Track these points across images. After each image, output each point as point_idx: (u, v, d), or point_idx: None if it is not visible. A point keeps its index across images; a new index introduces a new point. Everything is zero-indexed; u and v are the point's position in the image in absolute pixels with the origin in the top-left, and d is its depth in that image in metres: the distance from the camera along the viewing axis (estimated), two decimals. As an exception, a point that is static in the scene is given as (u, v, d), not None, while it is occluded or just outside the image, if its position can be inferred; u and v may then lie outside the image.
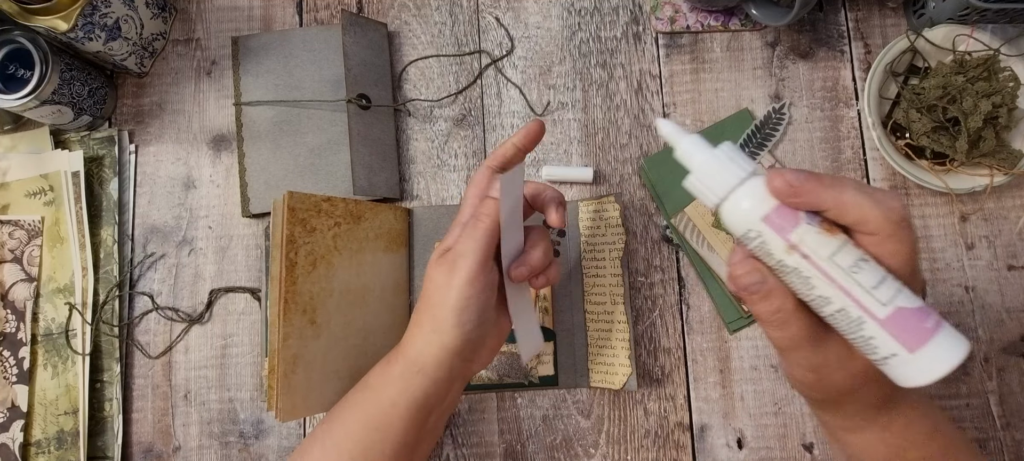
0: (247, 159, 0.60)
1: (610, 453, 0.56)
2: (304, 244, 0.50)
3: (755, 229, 0.32)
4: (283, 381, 0.48)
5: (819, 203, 0.31)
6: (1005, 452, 0.55)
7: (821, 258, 0.31)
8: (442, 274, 0.43)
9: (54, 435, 0.56)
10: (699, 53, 0.63)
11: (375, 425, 0.44)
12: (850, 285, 0.30)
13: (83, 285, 0.58)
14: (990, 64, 0.55)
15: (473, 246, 0.43)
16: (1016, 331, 0.57)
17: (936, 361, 0.29)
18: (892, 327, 0.30)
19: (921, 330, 0.29)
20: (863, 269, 0.30)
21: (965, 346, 0.29)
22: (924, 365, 0.29)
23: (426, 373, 0.44)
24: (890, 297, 0.30)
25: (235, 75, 0.62)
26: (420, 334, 0.45)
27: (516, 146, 0.47)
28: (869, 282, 0.30)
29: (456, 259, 0.43)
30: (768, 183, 0.31)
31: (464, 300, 0.42)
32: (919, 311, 0.30)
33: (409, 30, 0.64)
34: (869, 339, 0.30)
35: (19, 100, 0.54)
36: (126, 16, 0.57)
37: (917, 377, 0.30)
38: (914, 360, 0.29)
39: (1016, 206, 0.59)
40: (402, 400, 0.44)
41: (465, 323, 0.43)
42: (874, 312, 0.30)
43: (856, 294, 0.30)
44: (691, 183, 0.34)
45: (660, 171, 0.59)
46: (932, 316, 0.30)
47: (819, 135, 0.61)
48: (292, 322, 0.49)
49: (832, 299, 0.31)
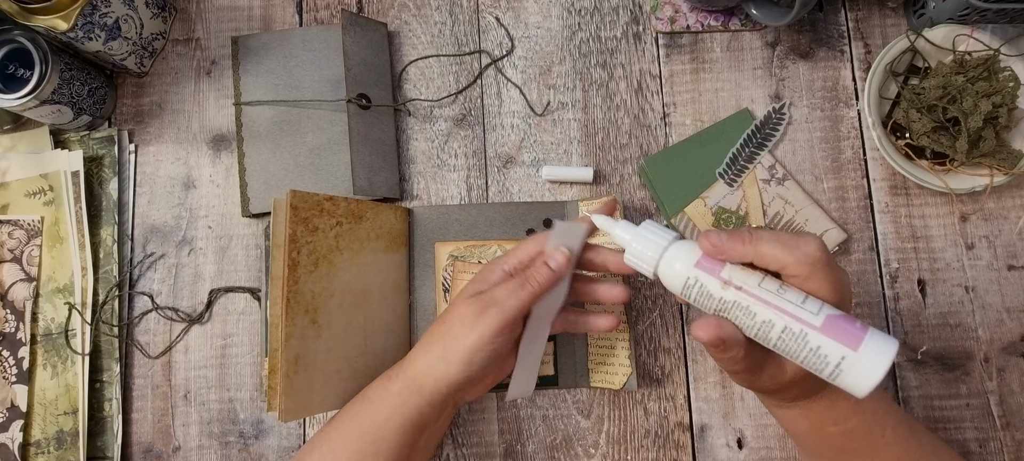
0: (247, 159, 0.60)
1: (610, 453, 0.56)
2: (306, 243, 0.50)
3: (691, 276, 0.37)
4: (285, 381, 0.48)
5: (741, 256, 0.36)
6: (1005, 452, 0.55)
7: (752, 287, 0.35)
8: (471, 313, 0.44)
9: (54, 435, 0.56)
10: (699, 53, 0.63)
11: (370, 438, 0.45)
12: (784, 304, 0.34)
13: (83, 285, 0.58)
14: (990, 64, 0.55)
15: (512, 303, 0.43)
16: (1016, 331, 0.57)
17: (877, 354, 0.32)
18: (830, 332, 0.33)
19: (854, 331, 0.33)
20: (788, 291, 0.35)
21: (894, 343, 0.33)
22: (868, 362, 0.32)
23: (423, 394, 0.45)
24: (818, 309, 0.34)
25: (235, 75, 0.62)
26: (426, 356, 0.45)
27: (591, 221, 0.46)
28: (797, 300, 0.34)
29: (489, 306, 0.43)
30: (700, 242, 0.38)
31: (482, 345, 0.43)
32: (845, 317, 0.34)
33: (409, 30, 0.64)
34: (817, 349, 0.34)
35: (19, 100, 0.54)
36: (126, 16, 0.57)
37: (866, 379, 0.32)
38: (859, 359, 0.32)
39: (1016, 206, 0.59)
40: (397, 416, 0.45)
41: (474, 364, 0.44)
42: (811, 322, 0.34)
43: (792, 310, 0.34)
44: (629, 260, 0.41)
45: (660, 171, 0.59)
46: (858, 320, 0.34)
47: (819, 135, 0.61)
48: (294, 322, 0.48)
49: (774, 322, 0.35)
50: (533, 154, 0.61)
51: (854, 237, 0.59)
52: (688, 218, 0.58)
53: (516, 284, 0.44)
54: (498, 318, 0.43)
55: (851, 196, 0.60)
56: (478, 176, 0.61)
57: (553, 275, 0.44)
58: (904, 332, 0.58)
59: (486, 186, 0.61)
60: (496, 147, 0.62)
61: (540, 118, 0.62)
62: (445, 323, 0.45)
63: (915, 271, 0.58)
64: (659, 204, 0.59)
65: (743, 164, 0.59)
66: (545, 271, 0.44)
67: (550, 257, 0.44)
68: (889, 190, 0.60)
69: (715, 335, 0.36)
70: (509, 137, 0.62)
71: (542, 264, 0.44)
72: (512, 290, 0.44)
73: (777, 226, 0.58)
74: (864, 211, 0.59)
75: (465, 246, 0.58)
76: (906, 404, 0.56)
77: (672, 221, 0.58)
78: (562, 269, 0.44)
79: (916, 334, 0.57)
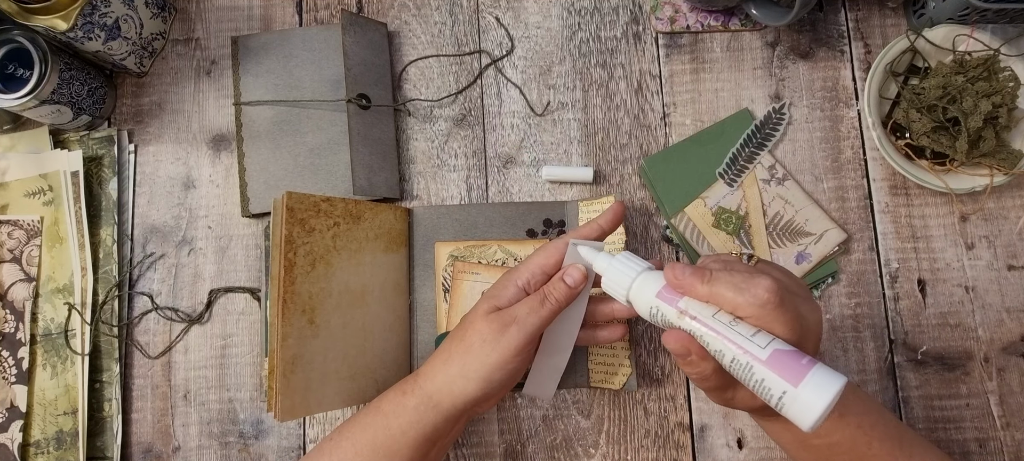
0: (247, 159, 0.60)
1: (610, 453, 0.56)
2: (303, 244, 0.50)
3: (654, 305, 0.40)
4: (282, 381, 0.48)
5: (699, 294, 0.38)
6: (1005, 452, 0.55)
7: (706, 317, 0.37)
8: (492, 331, 0.44)
9: (53, 435, 0.56)
10: (699, 53, 0.63)
11: (384, 451, 0.45)
12: (733, 336, 0.36)
13: (82, 285, 0.58)
14: (990, 64, 0.55)
15: (533, 320, 0.44)
16: (1016, 331, 0.57)
17: (818, 390, 0.33)
18: (774, 366, 0.34)
19: (798, 367, 0.34)
20: (740, 324, 0.37)
21: (840, 379, 0.33)
22: (808, 398, 0.33)
23: (441, 411, 0.45)
24: (767, 342, 0.35)
25: (235, 75, 0.62)
26: (444, 373, 0.45)
27: (601, 227, 0.47)
28: (747, 332, 0.36)
29: (510, 324, 0.44)
30: (665, 274, 0.40)
31: (502, 363, 0.44)
32: (794, 353, 0.35)
33: (409, 30, 0.64)
34: (761, 381, 0.35)
35: (18, 99, 0.54)
36: (125, 16, 0.57)
37: (807, 413, 0.33)
38: (799, 394, 0.33)
39: (1016, 206, 0.59)
40: (413, 431, 0.45)
41: (493, 382, 0.44)
42: (757, 355, 0.35)
43: (739, 342, 0.36)
44: (606, 285, 0.44)
45: (660, 171, 0.59)
46: (806, 356, 0.35)
47: (819, 135, 0.61)
48: (291, 322, 0.48)
49: (724, 351, 0.37)
50: (533, 154, 0.61)
51: (854, 237, 0.59)
52: (688, 218, 0.58)
53: (536, 302, 0.44)
54: (519, 337, 0.43)
55: (851, 196, 0.60)
56: (478, 176, 0.61)
57: (571, 292, 0.45)
58: (904, 332, 0.58)
59: (486, 186, 0.61)
60: (496, 147, 0.62)
61: (540, 118, 0.62)
62: (464, 340, 0.45)
63: (915, 271, 0.58)
64: (659, 204, 0.59)
65: (743, 164, 0.59)
66: (562, 288, 0.45)
67: (567, 274, 0.45)
68: (889, 190, 0.60)
69: (682, 345, 0.38)
70: (509, 137, 0.62)
71: (559, 281, 0.45)
72: (533, 308, 0.44)
73: (777, 226, 0.58)
74: (864, 211, 0.59)
75: (465, 246, 0.58)
76: (906, 404, 0.56)
77: (672, 221, 0.58)
78: (579, 285, 0.45)
79: (916, 334, 0.57)
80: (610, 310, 0.48)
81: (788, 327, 0.36)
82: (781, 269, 0.42)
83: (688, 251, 0.58)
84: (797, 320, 0.37)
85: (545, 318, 0.44)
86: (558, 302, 0.44)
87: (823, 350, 0.57)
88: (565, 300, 0.45)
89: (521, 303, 0.45)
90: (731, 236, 0.58)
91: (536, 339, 0.45)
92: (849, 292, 0.58)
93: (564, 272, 0.45)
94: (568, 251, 0.45)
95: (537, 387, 0.51)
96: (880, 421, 0.44)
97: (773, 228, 0.58)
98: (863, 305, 0.58)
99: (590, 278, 0.46)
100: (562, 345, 0.48)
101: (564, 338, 0.48)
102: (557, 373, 0.50)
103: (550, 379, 0.50)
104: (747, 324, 0.37)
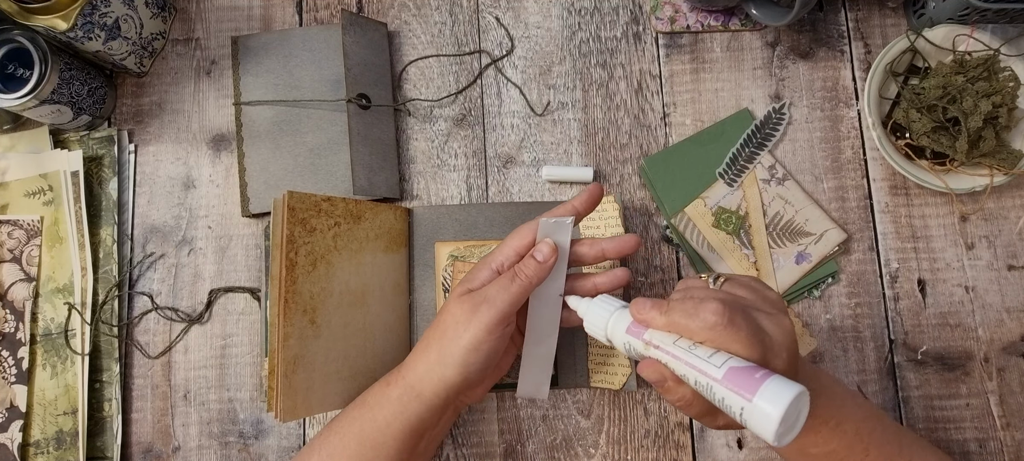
0: (247, 159, 0.60)
1: (610, 453, 0.56)
2: (304, 244, 0.50)
3: (625, 340, 0.42)
4: (283, 381, 0.48)
5: (658, 325, 0.40)
6: (1005, 452, 0.55)
7: (668, 345, 0.39)
8: (463, 312, 0.44)
9: (53, 435, 0.56)
10: (699, 53, 0.63)
11: (370, 443, 0.46)
12: (692, 359, 0.38)
13: (82, 285, 0.58)
14: (990, 64, 0.55)
15: (504, 297, 0.44)
16: (1016, 331, 0.57)
17: (772, 401, 0.33)
18: (729, 383, 0.35)
19: (752, 381, 0.35)
20: (699, 347, 0.38)
21: (794, 388, 0.34)
22: (761, 412, 0.34)
23: (423, 400, 0.45)
24: (723, 362, 0.36)
25: (235, 75, 0.62)
26: (424, 362, 0.46)
27: (575, 208, 0.47)
28: (705, 354, 0.37)
29: (481, 303, 0.44)
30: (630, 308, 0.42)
31: (476, 343, 0.44)
32: (748, 368, 0.36)
33: (409, 30, 0.64)
34: (722, 400, 0.36)
35: (18, 99, 0.54)
36: (125, 16, 0.57)
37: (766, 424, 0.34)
38: (755, 407, 0.34)
39: (1016, 206, 0.59)
40: (397, 422, 0.45)
41: (471, 364, 0.44)
42: (713, 375, 0.36)
43: (697, 364, 0.37)
44: (587, 328, 0.45)
45: (660, 171, 0.59)
46: (761, 370, 0.35)
47: (819, 135, 0.61)
48: (292, 322, 0.48)
49: (687, 375, 0.38)
50: (533, 154, 0.61)
51: (854, 237, 0.59)
52: (688, 218, 0.58)
53: (506, 279, 0.45)
54: (490, 314, 0.43)
55: (851, 196, 0.60)
56: (478, 176, 0.61)
57: (541, 267, 0.45)
58: (904, 332, 0.58)
59: (486, 186, 0.61)
60: (496, 147, 0.62)
61: (540, 118, 0.62)
62: (439, 326, 0.46)
63: (915, 271, 0.58)
64: (659, 204, 0.59)
65: (743, 164, 0.59)
66: (532, 264, 0.45)
67: (537, 250, 0.45)
68: (889, 190, 0.60)
69: (657, 373, 0.40)
70: (509, 137, 0.62)
71: (529, 257, 0.45)
72: (503, 286, 0.44)
73: (777, 226, 0.58)
74: (864, 211, 0.59)
75: (465, 246, 0.58)
76: (906, 404, 0.56)
77: (672, 221, 0.58)
78: (549, 259, 0.45)
79: (916, 334, 0.57)
80: (592, 285, 0.48)
81: (744, 345, 0.37)
82: (748, 286, 0.43)
83: (688, 251, 0.58)
84: (754, 336, 0.37)
85: (516, 294, 0.44)
86: (528, 278, 0.45)
87: (823, 350, 0.57)
88: (536, 275, 0.45)
89: (492, 283, 0.45)
90: (731, 236, 0.58)
91: (509, 318, 0.45)
92: (849, 292, 0.58)
93: (534, 248, 0.46)
94: (539, 228, 0.46)
95: (530, 386, 0.51)
96: (878, 427, 0.44)
97: (773, 228, 0.58)
98: (863, 305, 0.58)
99: (563, 254, 0.46)
100: (546, 331, 0.48)
101: (547, 323, 0.48)
102: (547, 365, 0.50)
103: (542, 373, 0.50)
104: (705, 347, 0.38)
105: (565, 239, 0.46)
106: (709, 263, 0.58)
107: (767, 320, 0.39)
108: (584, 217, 0.48)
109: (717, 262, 0.58)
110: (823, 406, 0.42)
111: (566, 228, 0.46)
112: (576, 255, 0.48)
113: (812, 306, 0.58)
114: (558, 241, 0.46)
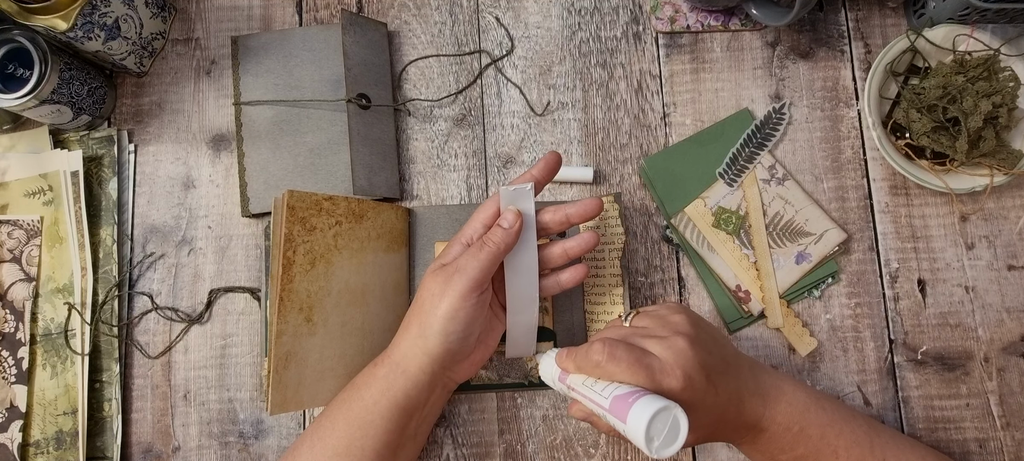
0: (247, 159, 0.60)
1: (610, 453, 0.56)
2: (303, 243, 0.50)
3: (560, 387, 0.48)
4: (274, 376, 0.48)
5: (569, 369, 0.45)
6: (1005, 452, 0.55)
7: (578, 385, 0.44)
8: (437, 284, 0.46)
9: (53, 435, 0.56)
10: (699, 53, 0.63)
11: (358, 423, 0.47)
12: (591, 394, 0.42)
13: (82, 285, 0.58)
14: (990, 64, 0.55)
15: (474, 265, 0.46)
16: (1016, 331, 0.57)
17: (637, 417, 0.37)
18: (613, 410, 0.39)
19: (626, 404, 0.38)
20: (598, 383, 0.42)
21: (655, 405, 0.37)
22: (633, 425, 0.37)
23: (408, 376, 0.47)
24: (610, 393, 0.40)
25: (235, 75, 0.62)
26: (406, 338, 0.48)
27: (534, 177, 0.49)
28: (599, 388, 0.42)
29: (453, 274, 0.46)
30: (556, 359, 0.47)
31: (452, 312, 0.45)
32: (628, 393, 0.39)
33: (409, 30, 0.64)
34: (615, 425, 0.39)
35: (18, 99, 0.54)
36: (125, 15, 0.57)
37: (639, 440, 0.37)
38: (628, 427, 0.38)
39: (1016, 206, 0.59)
40: (384, 400, 0.47)
41: (450, 333, 0.46)
42: (603, 404, 0.40)
43: (593, 398, 0.42)
44: (540, 375, 0.51)
45: (660, 171, 0.59)
46: (637, 393, 0.39)
47: (819, 135, 0.61)
48: (287, 319, 0.49)
49: (594, 409, 0.42)
50: (533, 154, 0.61)
51: (854, 237, 0.59)
52: (688, 218, 0.58)
53: (475, 248, 0.47)
54: (462, 282, 0.45)
55: (851, 196, 0.60)
56: (478, 176, 0.61)
57: (507, 233, 0.47)
58: (904, 332, 0.58)
59: (486, 186, 0.61)
60: (496, 147, 0.62)
61: (540, 118, 0.62)
62: (417, 302, 0.48)
63: (915, 271, 0.58)
64: (659, 204, 0.59)
65: (743, 164, 0.59)
66: (499, 231, 0.47)
67: (503, 218, 0.48)
68: (889, 190, 0.60)
69: (581, 412, 0.46)
70: (509, 137, 0.62)
71: (496, 226, 0.48)
72: (473, 254, 0.46)
73: (777, 226, 0.58)
74: (864, 211, 0.59)
75: (465, 246, 0.58)
76: (906, 404, 0.56)
77: (672, 221, 0.58)
78: (514, 225, 0.47)
79: (916, 334, 0.57)
80: (562, 251, 0.50)
81: (627, 372, 0.40)
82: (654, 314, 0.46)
83: (688, 251, 0.58)
84: (637, 363, 0.40)
85: (485, 261, 0.46)
86: (496, 244, 0.47)
87: (823, 350, 0.57)
88: (503, 242, 0.47)
89: (463, 254, 0.47)
90: (731, 236, 0.58)
91: (482, 285, 0.46)
92: (849, 292, 0.58)
93: (500, 217, 0.48)
94: (501, 197, 0.48)
95: (516, 348, 0.53)
96: (847, 429, 0.46)
97: (773, 228, 0.58)
98: (863, 305, 0.58)
99: (529, 220, 0.48)
100: (526, 298, 0.50)
101: (525, 290, 0.50)
102: (531, 330, 0.52)
103: (526, 337, 0.53)
104: (601, 385, 0.42)
105: (528, 206, 0.48)
106: (709, 263, 0.58)
107: (657, 345, 0.42)
108: (544, 185, 0.50)
109: (718, 262, 0.58)
110: (783, 412, 0.45)
111: (527, 194, 0.48)
112: (541, 224, 0.50)
113: (812, 306, 0.58)
114: (522, 208, 0.48)
